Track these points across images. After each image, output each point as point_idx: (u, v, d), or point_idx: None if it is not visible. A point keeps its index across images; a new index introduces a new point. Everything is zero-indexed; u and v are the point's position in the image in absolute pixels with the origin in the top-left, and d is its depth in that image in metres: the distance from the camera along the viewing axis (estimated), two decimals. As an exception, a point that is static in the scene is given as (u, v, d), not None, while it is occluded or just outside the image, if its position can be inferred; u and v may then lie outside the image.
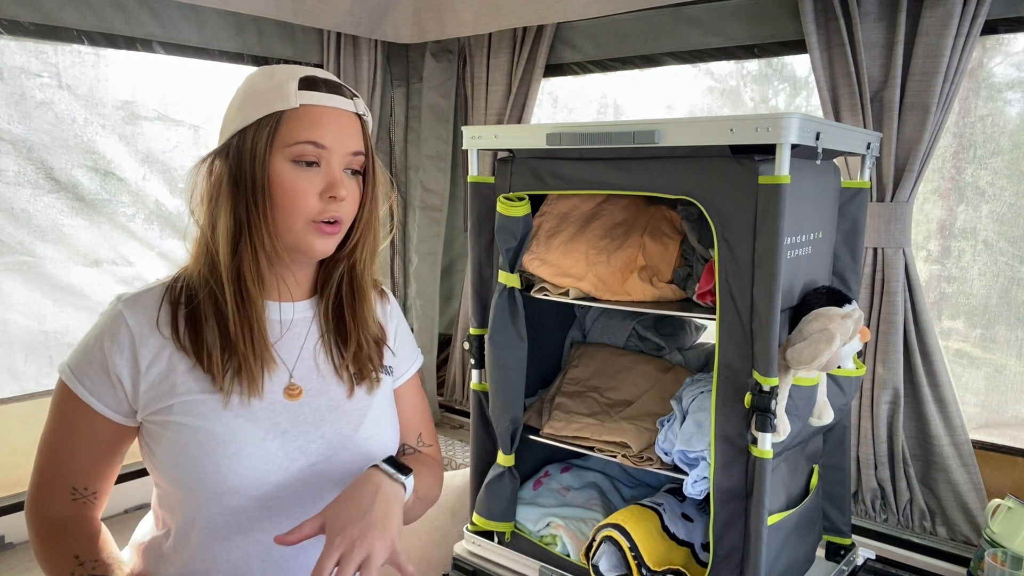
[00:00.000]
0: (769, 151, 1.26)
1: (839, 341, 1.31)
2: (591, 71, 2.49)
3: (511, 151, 1.61)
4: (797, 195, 1.31)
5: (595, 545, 1.53)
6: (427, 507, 1.18)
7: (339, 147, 0.98)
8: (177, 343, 0.98)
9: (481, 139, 1.62)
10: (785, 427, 1.30)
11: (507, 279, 1.60)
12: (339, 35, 2.55)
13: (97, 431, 0.99)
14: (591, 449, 1.61)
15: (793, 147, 1.24)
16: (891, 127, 1.78)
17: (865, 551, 1.73)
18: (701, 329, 1.89)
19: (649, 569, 1.46)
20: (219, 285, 0.98)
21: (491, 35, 2.56)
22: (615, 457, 1.57)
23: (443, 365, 3.03)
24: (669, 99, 2.44)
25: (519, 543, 1.68)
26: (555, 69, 2.53)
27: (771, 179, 1.25)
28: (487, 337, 1.64)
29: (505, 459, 1.67)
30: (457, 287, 2.99)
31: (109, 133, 2.22)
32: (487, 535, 1.72)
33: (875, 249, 1.82)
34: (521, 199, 1.59)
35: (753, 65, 2.26)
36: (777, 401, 1.29)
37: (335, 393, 1.07)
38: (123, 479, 1.98)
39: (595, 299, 1.57)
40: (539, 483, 1.81)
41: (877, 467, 1.89)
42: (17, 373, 2.12)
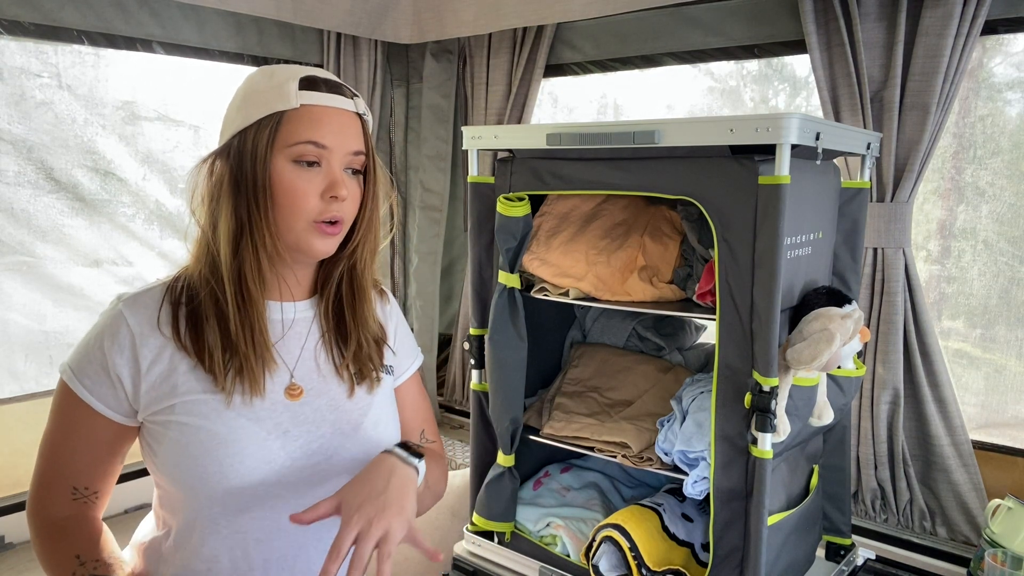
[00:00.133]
0: (769, 151, 1.26)
1: (839, 341, 1.31)
2: (591, 71, 2.49)
3: (511, 151, 1.61)
4: (797, 195, 1.31)
5: (595, 545, 1.53)
6: (435, 500, 1.18)
7: (340, 147, 0.98)
8: (178, 343, 0.98)
9: (481, 139, 1.62)
10: (785, 427, 1.30)
11: (507, 279, 1.60)
12: (339, 35, 2.55)
13: (98, 431, 1.00)
14: (591, 449, 1.61)
15: (793, 147, 1.24)
16: (891, 127, 1.78)
17: (865, 551, 1.73)
18: (701, 329, 1.89)
19: (649, 569, 1.46)
20: (220, 285, 0.98)
21: (491, 35, 2.56)
22: (615, 457, 1.57)
23: (443, 365, 3.03)
24: (669, 99, 2.44)
25: (519, 543, 1.68)
26: (555, 69, 2.53)
27: (771, 179, 1.25)
28: (487, 337, 1.64)
29: (505, 459, 1.67)
30: (457, 287, 2.99)
31: (109, 133, 2.22)
32: (487, 535, 1.72)
33: (875, 249, 1.83)
34: (521, 199, 1.59)
35: (753, 65, 2.26)
36: (777, 401, 1.29)
37: (335, 393, 1.07)
38: (123, 479, 1.98)
39: (595, 299, 1.57)
40: (539, 483, 1.81)
41: (877, 467, 1.89)
42: (17, 373, 2.12)
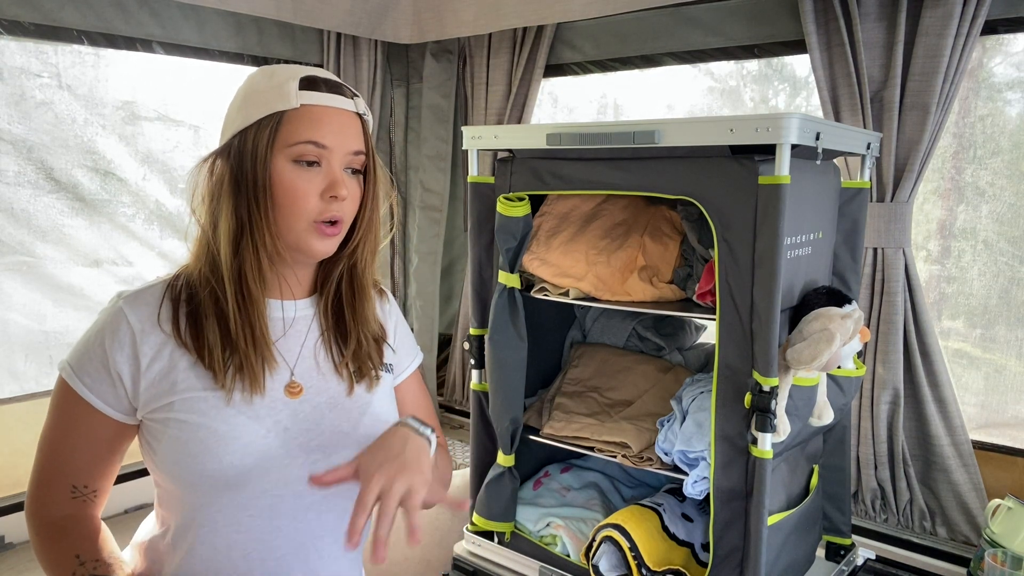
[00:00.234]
0: (769, 151, 1.26)
1: (839, 341, 1.31)
2: (591, 71, 2.49)
3: (511, 151, 1.61)
4: (797, 195, 1.31)
5: (595, 545, 1.53)
6: (444, 487, 1.18)
7: (340, 146, 0.98)
8: (178, 340, 0.98)
9: (481, 139, 1.62)
10: (785, 427, 1.30)
11: (507, 279, 1.60)
12: (339, 35, 2.55)
13: (97, 429, 1.00)
14: (591, 449, 1.61)
15: (793, 147, 1.24)
16: (891, 127, 1.78)
17: (865, 551, 1.73)
18: (701, 329, 1.89)
19: (649, 569, 1.46)
20: (220, 284, 0.98)
21: (491, 35, 2.56)
22: (615, 457, 1.57)
23: (443, 365, 3.03)
24: (669, 99, 2.44)
25: (519, 543, 1.68)
26: (555, 69, 2.53)
27: (771, 179, 1.25)
28: (487, 337, 1.64)
29: (505, 459, 1.67)
30: (457, 287, 2.99)
31: (109, 133, 2.22)
32: (487, 535, 1.72)
33: (875, 249, 1.82)
34: (521, 199, 1.59)
35: (753, 65, 2.26)
36: (777, 401, 1.29)
37: (335, 391, 1.07)
38: (123, 479, 1.99)
39: (595, 299, 1.57)
40: (539, 483, 1.81)
41: (877, 467, 1.89)
42: (17, 373, 2.12)
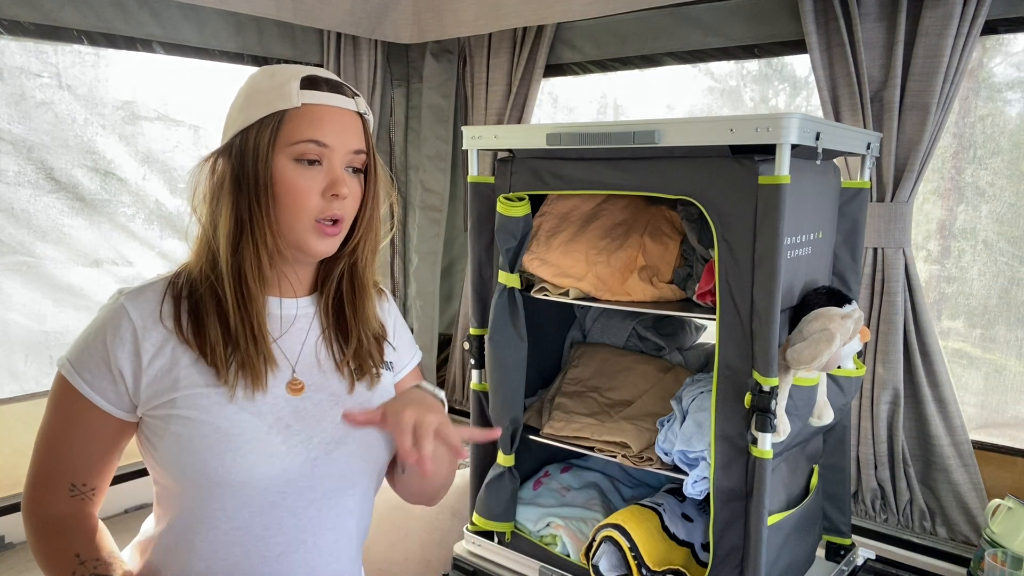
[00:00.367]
0: (769, 151, 1.26)
1: (839, 341, 1.31)
2: (591, 71, 2.49)
3: (511, 151, 1.61)
4: (797, 195, 1.31)
5: (595, 545, 1.53)
6: (449, 478, 1.19)
7: (341, 145, 0.99)
8: (180, 336, 0.99)
9: (481, 139, 1.62)
10: (785, 427, 1.30)
11: (507, 279, 1.60)
12: (339, 35, 2.55)
13: (97, 426, 0.99)
14: (591, 449, 1.61)
15: (793, 147, 1.24)
16: (891, 127, 1.78)
17: (865, 551, 1.73)
18: (701, 329, 1.89)
19: (649, 569, 1.46)
20: (220, 282, 0.99)
21: (491, 35, 2.56)
22: (615, 457, 1.57)
23: (443, 365, 3.02)
24: (669, 99, 2.44)
25: (519, 543, 1.68)
26: (555, 69, 2.52)
27: (771, 179, 1.25)
28: (487, 337, 1.64)
29: (505, 459, 1.67)
30: (457, 287, 2.99)
31: (109, 133, 2.22)
32: (487, 535, 1.72)
33: (875, 249, 1.82)
34: (521, 199, 1.59)
35: (753, 65, 2.26)
36: (777, 401, 1.29)
37: (336, 388, 1.08)
38: (123, 479, 1.99)
39: (595, 299, 1.57)
40: (539, 483, 1.81)
41: (877, 467, 1.89)
42: (17, 373, 2.12)
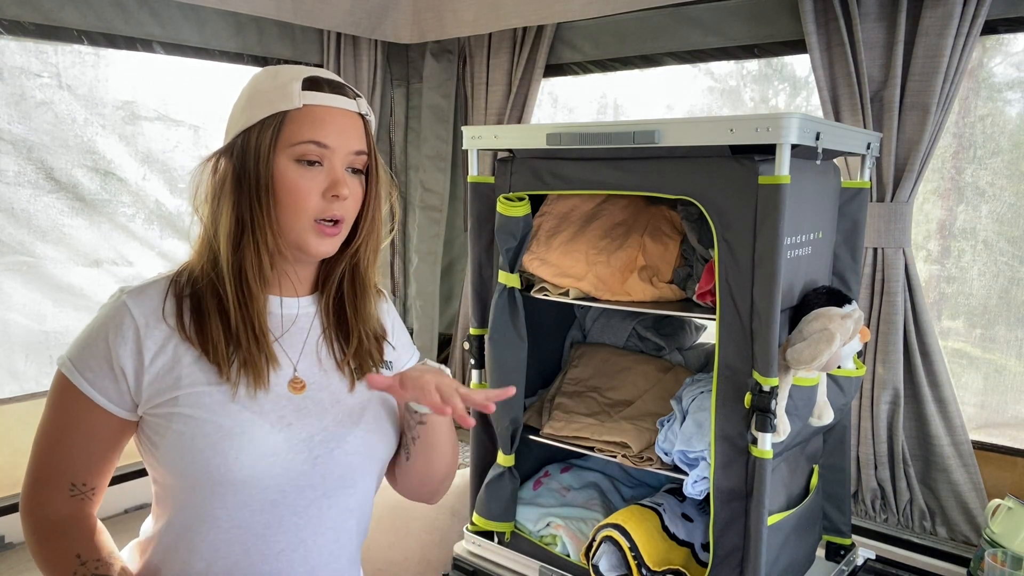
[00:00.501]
0: (769, 151, 1.26)
1: (839, 341, 1.31)
2: (591, 71, 2.49)
3: (511, 151, 1.61)
4: (797, 195, 1.31)
5: (595, 545, 1.53)
6: (452, 469, 1.22)
7: (342, 146, 0.99)
8: (183, 334, 0.99)
9: (481, 139, 1.62)
10: (785, 427, 1.30)
11: (507, 279, 1.60)
12: (339, 35, 2.55)
13: (97, 425, 0.99)
14: (591, 449, 1.61)
15: (793, 147, 1.24)
16: (891, 127, 1.78)
17: (865, 551, 1.73)
18: (701, 329, 1.89)
19: (649, 569, 1.46)
20: (221, 281, 0.99)
21: (491, 35, 2.56)
22: (615, 457, 1.57)
23: (443, 365, 3.02)
24: (669, 99, 2.43)
25: (519, 543, 1.68)
26: (555, 69, 2.52)
27: (771, 179, 1.25)
28: (487, 337, 1.64)
29: (505, 459, 1.67)
30: (457, 287, 2.99)
31: (109, 133, 2.22)
32: (487, 535, 1.72)
33: (875, 249, 1.82)
34: (521, 199, 1.59)
35: (753, 65, 2.26)
36: (777, 401, 1.29)
37: (337, 387, 1.08)
38: (123, 479, 1.99)
39: (595, 299, 1.57)
40: (539, 483, 1.81)
41: (877, 467, 1.89)
42: (17, 373, 2.12)
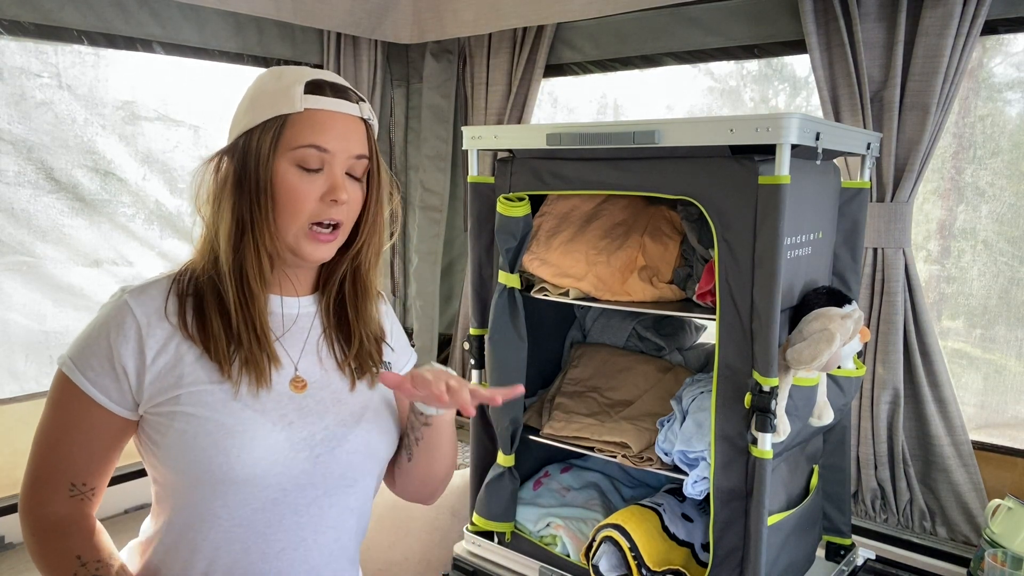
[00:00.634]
0: (769, 151, 1.26)
1: (839, 341, 1.31)
2: (591, 71, 2.49)
3: (511, 151, 1.61)
4: (797, 195, 1.31)
5: (595, 545, 1.53)
6: (451, 470, 1.23)
7: (342, 151, 0.99)
8: (185, 332, 0.99)
9: (481, 139, 1.62)
10: (785, 427, 1.30)
11: (507, 279, 1.60)
12: (339, 35, 2.55)
13: (98, 425, 0.99)
14: (591, 449, 1.61)
15: (793, 147, 1.24)
16: (891, 127, 1.78)
17: (865, 551, 1.73)
18: (701, 329, 1.89)
19: (649, 569, 1.46)
20: (222, 280, 1.00)
21: (491, 35, 2.56)
22: (615, 457, 1.57)
23: (443, 365, 3.02)
24: (669, 99, 2.43)
25: (519, 543, 1.68)
26: (555, 69, 2.52)
27: (771, 179, 1.25)
28: (487, 337, 1.64)
29: (505, 459, 1.67)
30: (457, 287, 2.99)
31: (109, 133, 2.22)
32: (487, 535, 1.72)
33: (875, 249, 1.82)
34: (521, 199, 1.59)
35: (753, 65, 2.26)
36: (777, 401, 1.29)
37: (338, 386, 1.08)
38: (123, 479, 1.99)
39: (595, 299, 1.57)
40: (539, 483, 1.81)
41: (877, 467, 1.89)
42: (17, 373, 2.12)
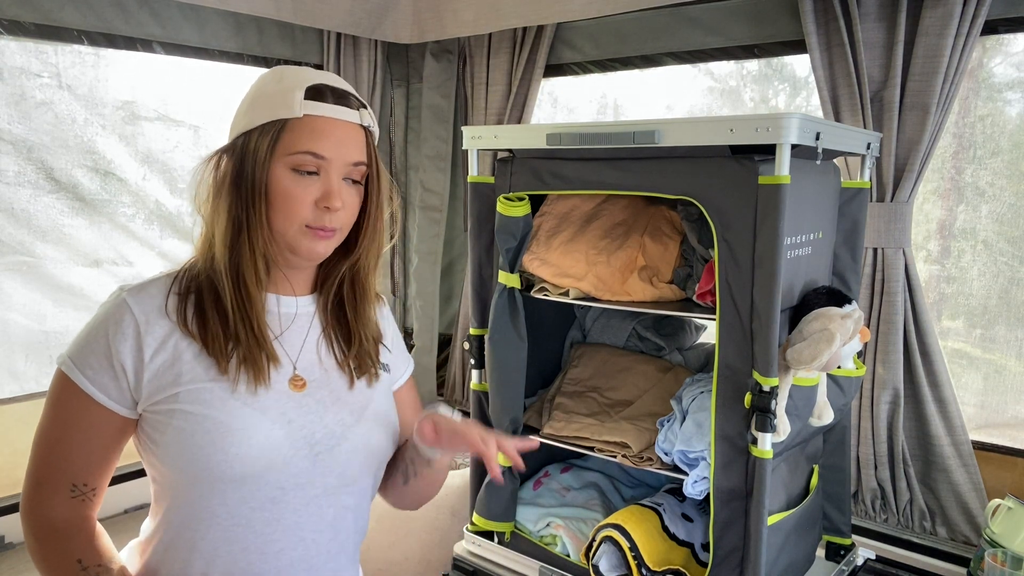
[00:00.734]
0: (769, 151, 1.26)
1: (839, 341, 1.31)
2: (591, 71, 2.49)
3: (511, 151, 1.61)
4: (797, 195, 1.31)
5: (595, 545, 1.53)
6: (444, 474, 1.22)
7: (339, 158, 0.99)
8: (184, 329, 0.99)
9: (481, 139, 1.62)
10: (785, 427, 1.30)
11: (507, 279, 1.60)
12: (339, 35, 2.55)
13: (98, 424, 0.99)
14: (591, 449, 1.61)
15: (793, 147, 1.24)
16: (891, 127, 1.78)
17: (865, 551, 1.73)
18: (701, 329, 1.89)
19: (649, 569, 1.46)
20: (219, 279, 1.00)
21: (491, 35, 2.56)
22: (615, 457, 1.57)
23: (443, 365, 3.02)
24: (669, 99, 2.43)
25: (519, 543, 1.68)
26: (555, 69, 2.52)
27: (771, 179, 1.25)
28: (487, 337, 1.64)
29: (505, 459, 1.67)
30: (457, 287, 2.99)
31: (109, 133, 2.22)
32: (487, 535, 1.72)
33: (875, 249, 1.82)
34: (521, 199, 1.59)
35: (753, 65, 2.26)
36: (777, 401, 1.29)
37: (337, 385, 1.08)
38: (124, 479, 1.99)
39: (595, 299, 1.57)
40: (539, 483, 1.81)
41: (877, 467, 1.89)
42: (17, 373, 2.12)
